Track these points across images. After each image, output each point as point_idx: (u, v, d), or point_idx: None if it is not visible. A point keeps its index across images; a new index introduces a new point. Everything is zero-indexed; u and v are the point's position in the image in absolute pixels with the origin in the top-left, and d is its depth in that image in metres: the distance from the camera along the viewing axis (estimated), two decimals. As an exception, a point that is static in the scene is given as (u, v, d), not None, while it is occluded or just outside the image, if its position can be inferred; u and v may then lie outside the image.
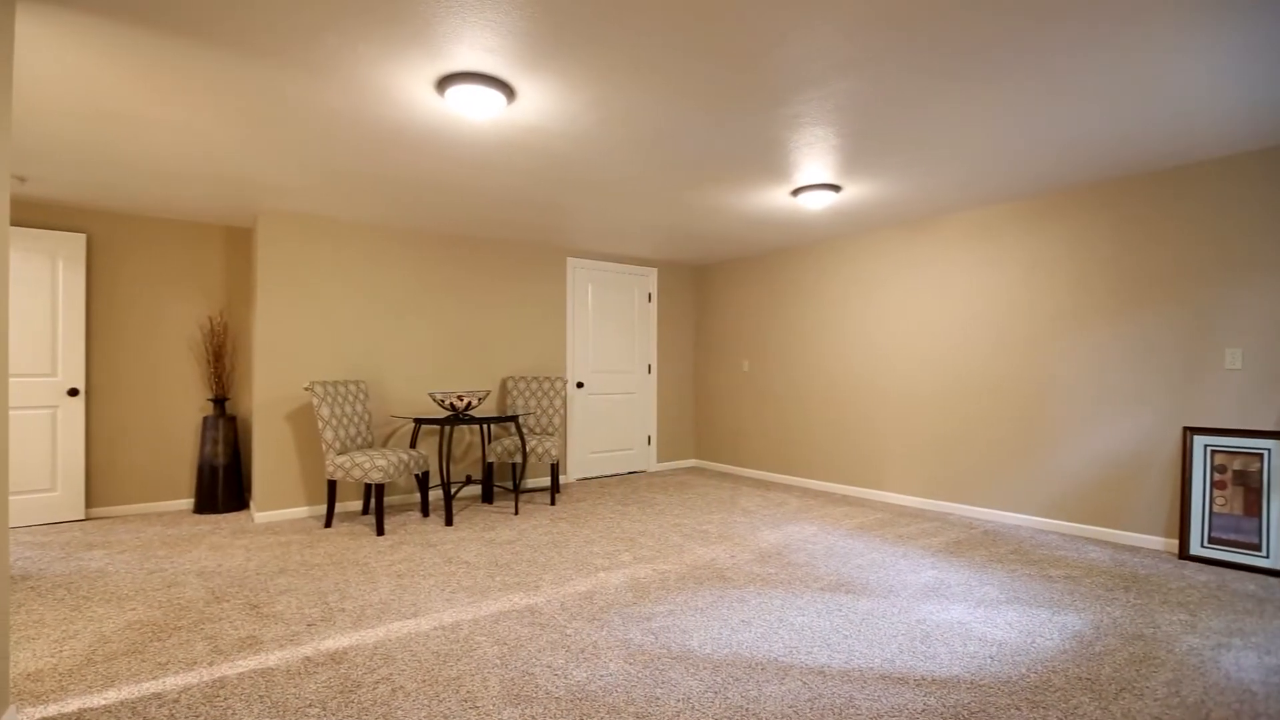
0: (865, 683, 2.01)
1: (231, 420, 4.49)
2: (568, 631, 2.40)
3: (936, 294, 4.49)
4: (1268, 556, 3.02)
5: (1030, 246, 3.99)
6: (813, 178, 3.58)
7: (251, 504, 4.47)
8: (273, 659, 2.18)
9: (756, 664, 2.14)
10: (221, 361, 4.55)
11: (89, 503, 4.24)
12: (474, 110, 2.52)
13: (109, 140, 2.98)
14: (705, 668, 2.11)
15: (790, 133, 2.90)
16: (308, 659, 2.18)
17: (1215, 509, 3.21)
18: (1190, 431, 3.31)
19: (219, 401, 4.46)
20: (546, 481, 5.44)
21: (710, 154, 3.18)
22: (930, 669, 2.10)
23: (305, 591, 2.84)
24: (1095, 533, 3.68)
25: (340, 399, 4.08)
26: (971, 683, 2.01)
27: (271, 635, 2.37)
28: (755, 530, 3.89)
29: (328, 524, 3.99)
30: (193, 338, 4.58)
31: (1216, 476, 3.22)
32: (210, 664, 2.15)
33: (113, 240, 4.32)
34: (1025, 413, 4.00)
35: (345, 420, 4.06)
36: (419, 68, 2.28)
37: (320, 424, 3.90)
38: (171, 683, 2.03)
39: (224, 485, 4.42)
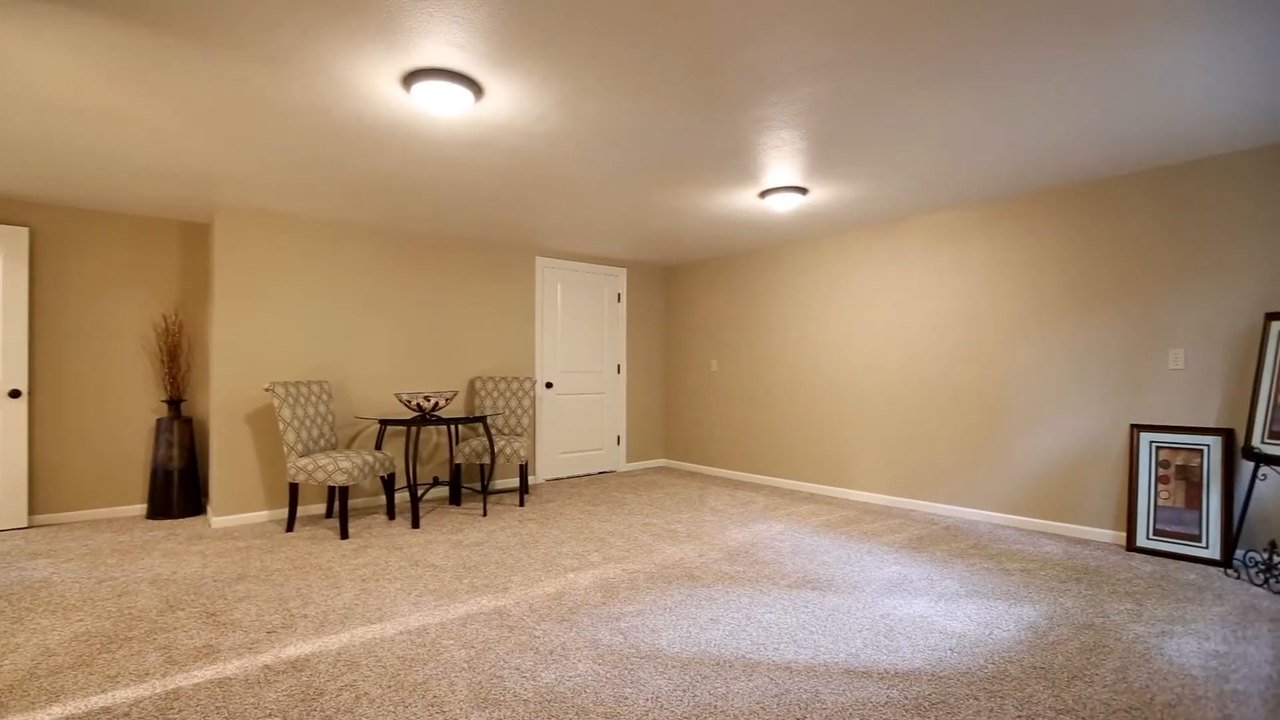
0: (830, 677, 2.05)
1: (187, 422, 4.34)
2: (536, 633, 2.39)
3: (900, 296, 4.59)
4: (1207, 547, 3.18)
5: (990, 251, 4.12)
6: (780, 180, 3.63)
7: (209, 509, 4.33)
8: (230, 668, 2.12)
9: (725, 661, 2.16)
10: (177, 361, 4.40)
11: (32, 509, 4.05)
12: (441, 107, 2.48)
13: (54, 130, 2.85)
14: (674, 666, 2.12)
15: (758, 135, 2.94)
16: (267, 667, 2.13)
17: (1160, 502, 3.36)
18: (1137, 429, 3.46)
19: (174, 403, 4.31)
20: (515, 482, 5.40)
21: (679, 155, 3.20)
22: (893, 662, 2.15)
23: (265, 598, 2.76)
24: (1050, 527, 3.81)
25: (302, 400, 3.98)
26: (932, 674, 2.06)
27: (229, 644, 2.31)
28: (723, 529, 3.93)
29: (289, 528, 3.89)
30: (146, 337, 4.42)
31: (1161, 472, 3.37)
32: (164, 675, 2.08)
33: (58, 235, 4.13)
34: (985, 412, 4.12)
35: (308, 422, 3.96)
36: (384, 62, 2.24)
37: (281, 425, 3.80)
38: (122, 696, 1.95)
39: (179, 489, 4.27)
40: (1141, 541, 3.38)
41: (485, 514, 4.33)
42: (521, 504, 4.64)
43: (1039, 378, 3.88)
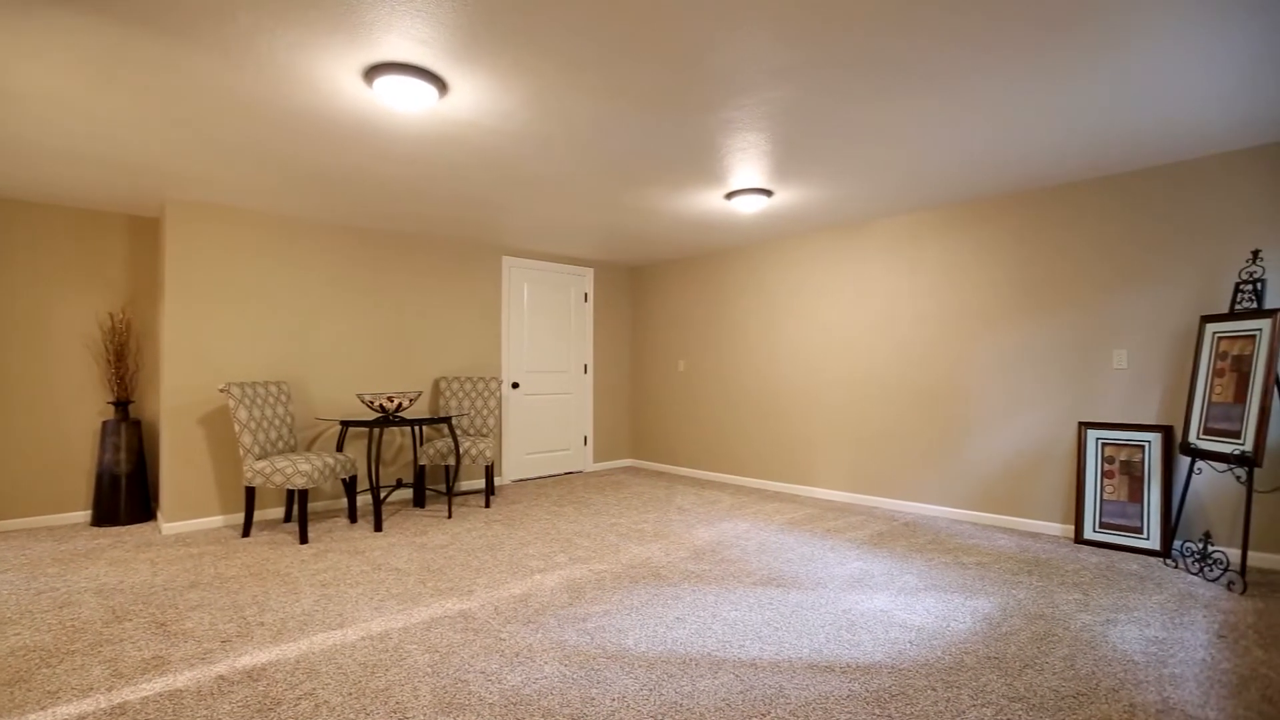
0: (794, 672, 2.08)
1: (135, 425, 4.16)
2: (502, 636, 2.37)
3: (861, 298, 4.69)
4: (1148, 538, 3.33)
5: (946, 254, 4.24)
6: (746, 182, 3.68)
7: (159, 515, 4.17)
8: (181, 680, 2.05)
9: (691, 660, 2.18)
10: (124, 362, 4.22)
11: (-35, 518, 3.84)
12: (404, 102, 2.44)
13: (-11, 118, 2.70)
14: (640, 666, 2.13)
15: (724, 137, 2.97)
16: (221, 678, 2.06)
17: (1105, 496, 3.51)
18: (1084, 426, 3.60)
19: (121, 405, 4.13)
20: (481, 484, 5.34)
21: (645, 155, 3.21)
22: (855, 656, 2.20)
23: (219, 606, 2.67)
24: (1004, 521, 3.94)
25: (259, 401, 3.86)
26: (893, 667, 2.12)
27: (180, 654, 2.23)
28: (690, 528, 3.95)
29: (245, 533, 3.77)
30: (90, 336, 4.22)
31: (1106, 467, 3.52)
32: (109, 689, 1.99)
33: (-6, 228, 3.92)
34: (943, 410, 4.24)
35: (265, 423, 3.85)
36: (344, 56, 2.19)
37: (237, 427, 3.68)
38: (63, 712, 1.86)
39: (127, 495, 4.10)
40: (1089, 534, 3.53)
41: (450, 516, 4.27)
42: (487, 505, 4.59)
43: (994, 377, 4.01)
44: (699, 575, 3.04)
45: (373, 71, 2.29)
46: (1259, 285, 3.03)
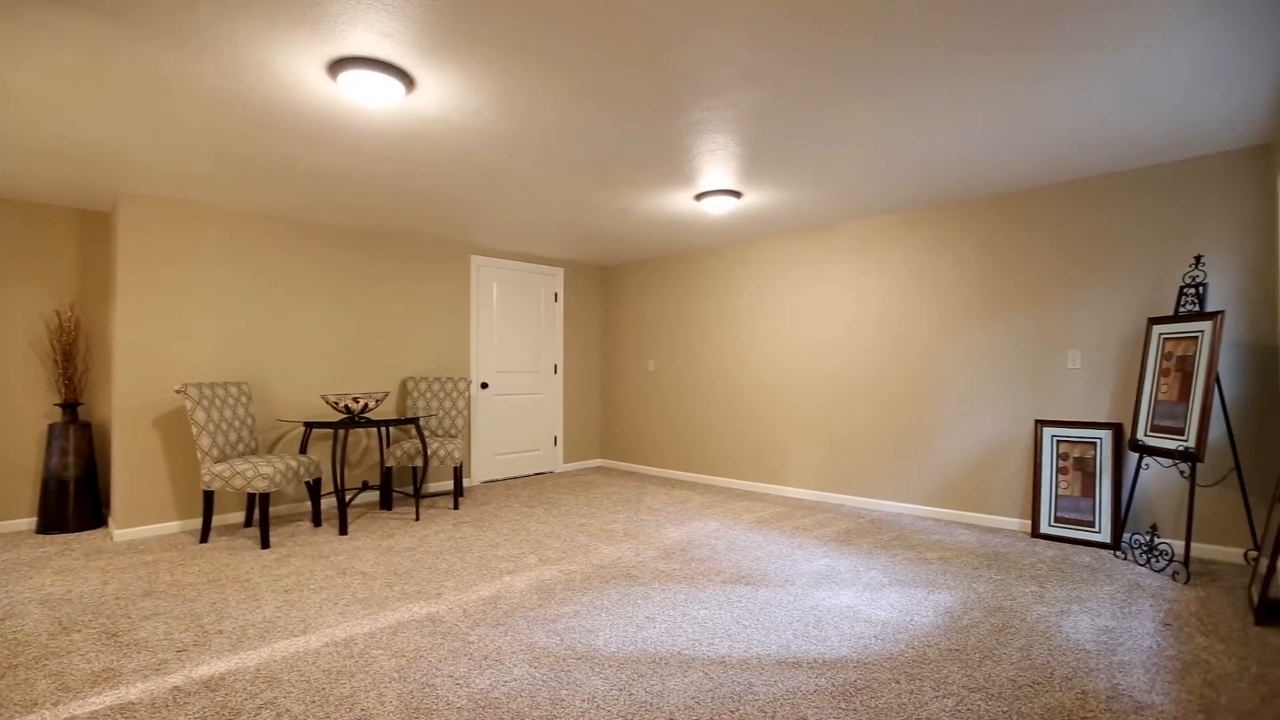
0: (763, 669, 2.11)
1: (85, 428, 4.00)
2: (470, 639, 2.34)
3: (829, 299, 4.77)
4: (1100, 532, 3.46)
5: (912, 257, 4.34)
6: (715, 183, 3.71)
7: (110, 521, 4.01)
8: (134, 692, 1.98)
9: (660, 659, 2.19)
10: (73, 362, 4.05)
11: (-103, 526, 3.64)
12: (369, 98, 2.40)
13: (-76, 106, 2.57)
14: (610, 666, 2.13)
15: (693, 138, 2.99)
16: (177, 689, 1.99)
17: (1060, 492, 3.63)
18: (1040, 424, 3.73)
19: (69, 407, 3.97)
20: (449, 485, 5.27)
21: (615, 155, 3.21)
22: (821, 652, 2.24)
23: (175, 614, 2.58)
24: (965, 517, 4.06)
25: (219, 402, 3.75)
26: (858, 662, 2.16)
27: (133, 665, 2.15)
28: (660, 527, 3.97)
29: (204, 539, 3.65)
30: (36, 335, 4.04)
31: (1061, 463, 3.65)
32: (55, 704, 1.91)
33: (-71, 221, 3.72)
34: (908, 410, 4.34)
35: (224, 425, 3.73)
36: (308, 49, 2.14)
37: (195, 430, 3.56)
38: (7, 727, 1.78)
39: (75, 501, 3.93)
40: (1044, 528, 3.65)
41: (418, 518, 4.21)
42: (456, 507, 4.54)
43: (956, 377, 4.12)
44: (669, 574, 3.05)
45: (337, 65, 2.25)
46: (1201, 289, 3.18)
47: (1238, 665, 2.12)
